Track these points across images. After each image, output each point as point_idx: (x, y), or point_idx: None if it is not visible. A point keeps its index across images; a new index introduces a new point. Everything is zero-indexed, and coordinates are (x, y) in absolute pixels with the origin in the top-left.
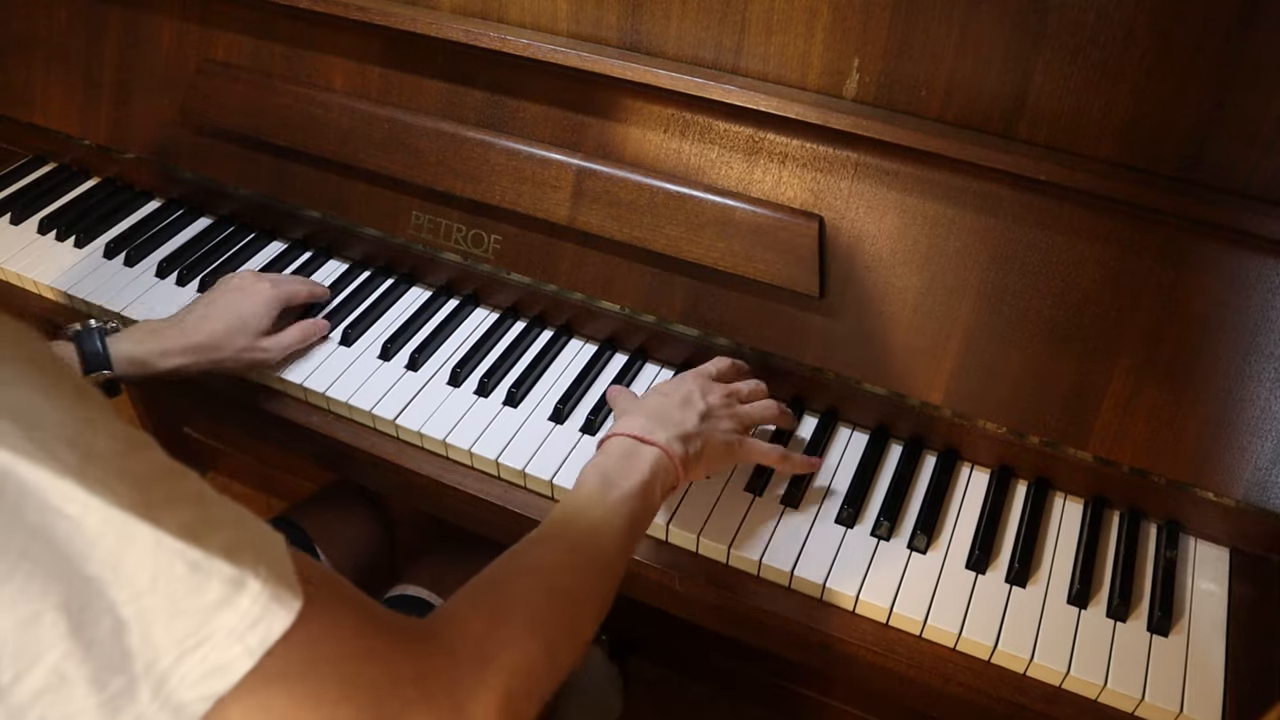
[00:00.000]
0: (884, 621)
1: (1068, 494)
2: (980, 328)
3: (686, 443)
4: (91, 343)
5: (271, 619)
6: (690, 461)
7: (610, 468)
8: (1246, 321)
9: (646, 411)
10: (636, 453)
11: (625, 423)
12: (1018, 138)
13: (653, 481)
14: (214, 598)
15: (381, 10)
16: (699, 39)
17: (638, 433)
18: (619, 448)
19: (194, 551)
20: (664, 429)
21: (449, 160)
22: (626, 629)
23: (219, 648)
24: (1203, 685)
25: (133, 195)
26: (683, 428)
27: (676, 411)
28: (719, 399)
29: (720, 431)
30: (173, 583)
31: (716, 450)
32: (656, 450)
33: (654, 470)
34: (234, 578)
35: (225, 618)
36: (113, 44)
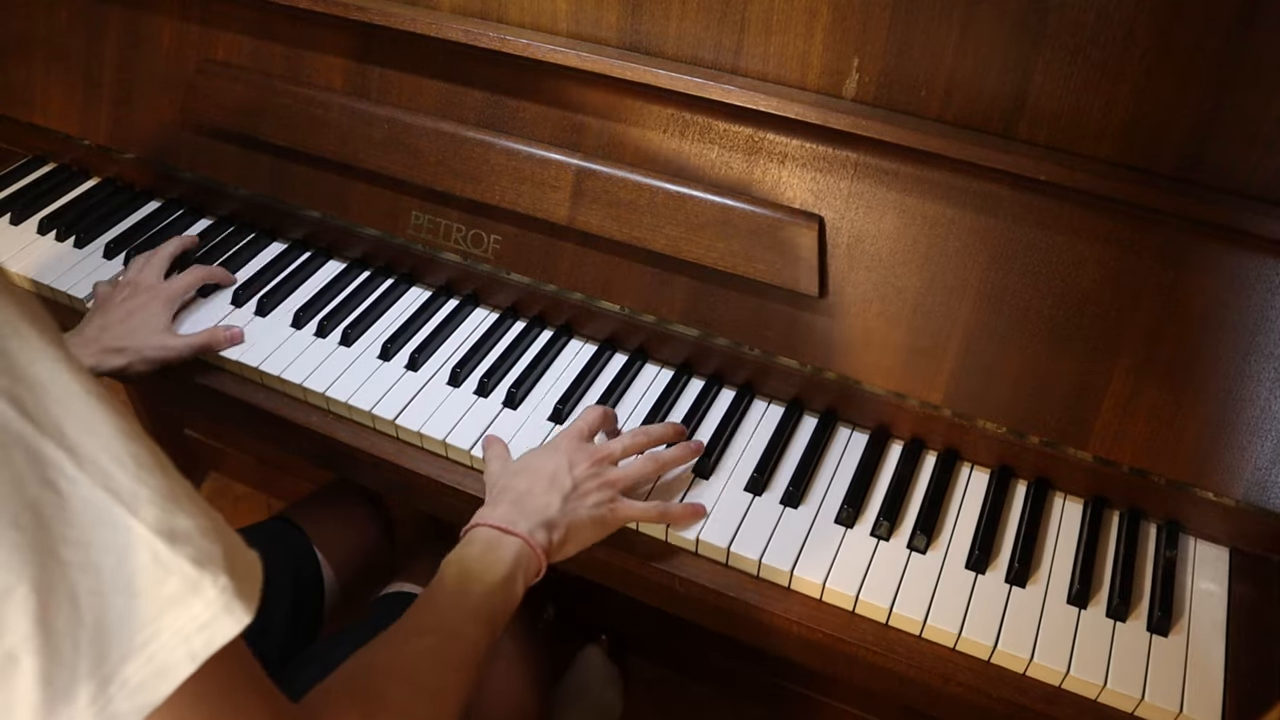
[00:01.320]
0: (884, 621)
1: (1068, 494)
2: (980, 328)
3: (550, 529)
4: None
5: (217, 626)
6: (554, 549)
7: (473, 561)
8: (1246, 321)
9: (511, 498)
10: (499, 544)
11: (487, 512)
12: (1018, 138)
13: (514, 573)
14: (170, 592)
15: (381, 10)
16: (699, 39)
17: (499, 523)
18: (482, 538)
19: (160, 545)
20: (526, 518)
21: (448, 160)
22: (626, 629)
23: (165, 648)
24: (1202, 685)
25: (133, 195)
26: (545, 514)
27: (540, 496)
28: (585, 469)
29: (586, 508)
30: (135, 571)
31: (583, 529)
32: (518, 541)
33: (516, 562)
34: (193, 579)
35: (177, 617)
36: (113, 44)
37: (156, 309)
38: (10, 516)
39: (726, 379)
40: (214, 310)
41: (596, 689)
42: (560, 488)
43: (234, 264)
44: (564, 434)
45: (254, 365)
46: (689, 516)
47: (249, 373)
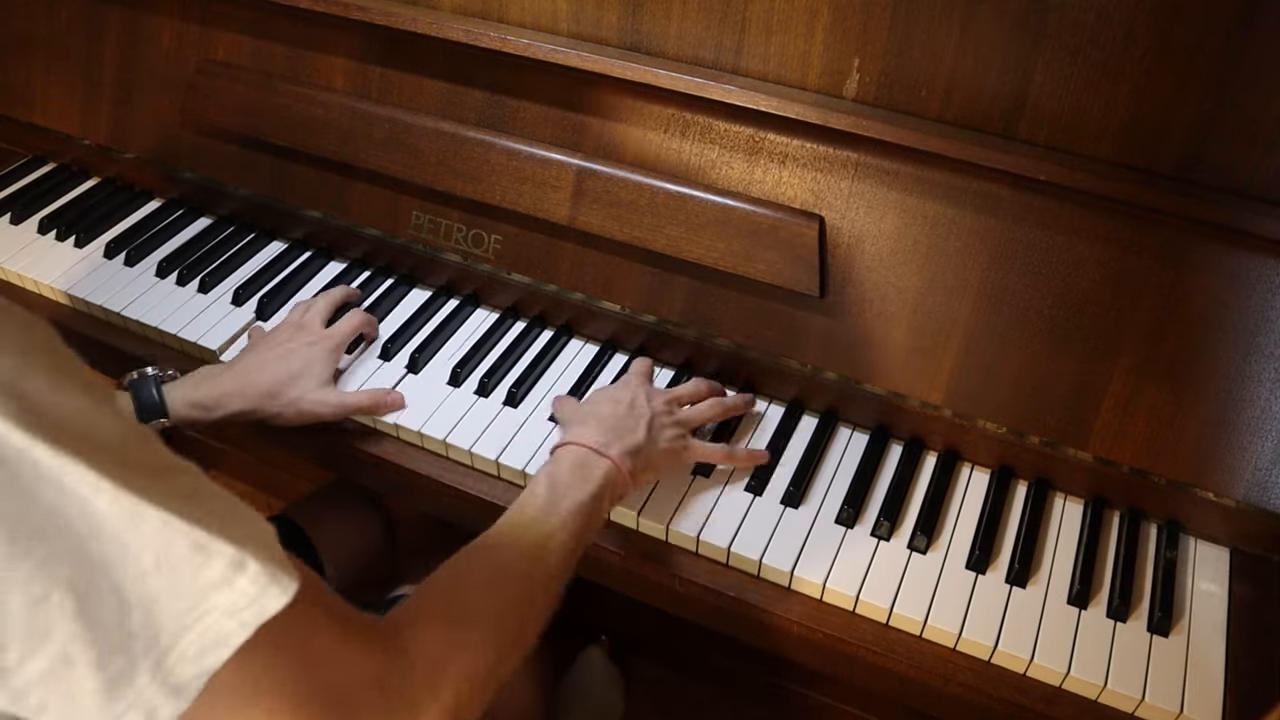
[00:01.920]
0: (884, 622)
1: (1068, 494)
2: (980, 328)
3: (635, 455)
4: (147, 390)
5: (267, 599)
6: (638, 472)
7: (562, 478)
8: (1247, 321)
9: (598, 421)
10: (589, 463)
11: (579, 432)
12: (1018, 138)
13: (602, 494)
14: (215, 576)
15: (382, 10)
16: (699, 39)
17: (591, 443)
18: (572, 457)
19: (198, 532)
20: (619, 439)
21: (449, 160)
22: (627, 629)
23: (217, 624)
24: (1203, 685)
25: (133, 195)
26: (633, 439)
27: (626, 420)
28: (662, 405)
29: (666, 439)
30: (177, 562)
31: (662, 459)
32: (608, 463)
33: (605, 483)
34: (235, 559)
35: (224, 596)
36: (113, 44)
37: (320, 355)
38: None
39: (727, 379)
40: (214, 310)
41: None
42: (642, 416)
43: (234, 264)
44: (632, 373)
45: None
46: (752, 460)
47: None
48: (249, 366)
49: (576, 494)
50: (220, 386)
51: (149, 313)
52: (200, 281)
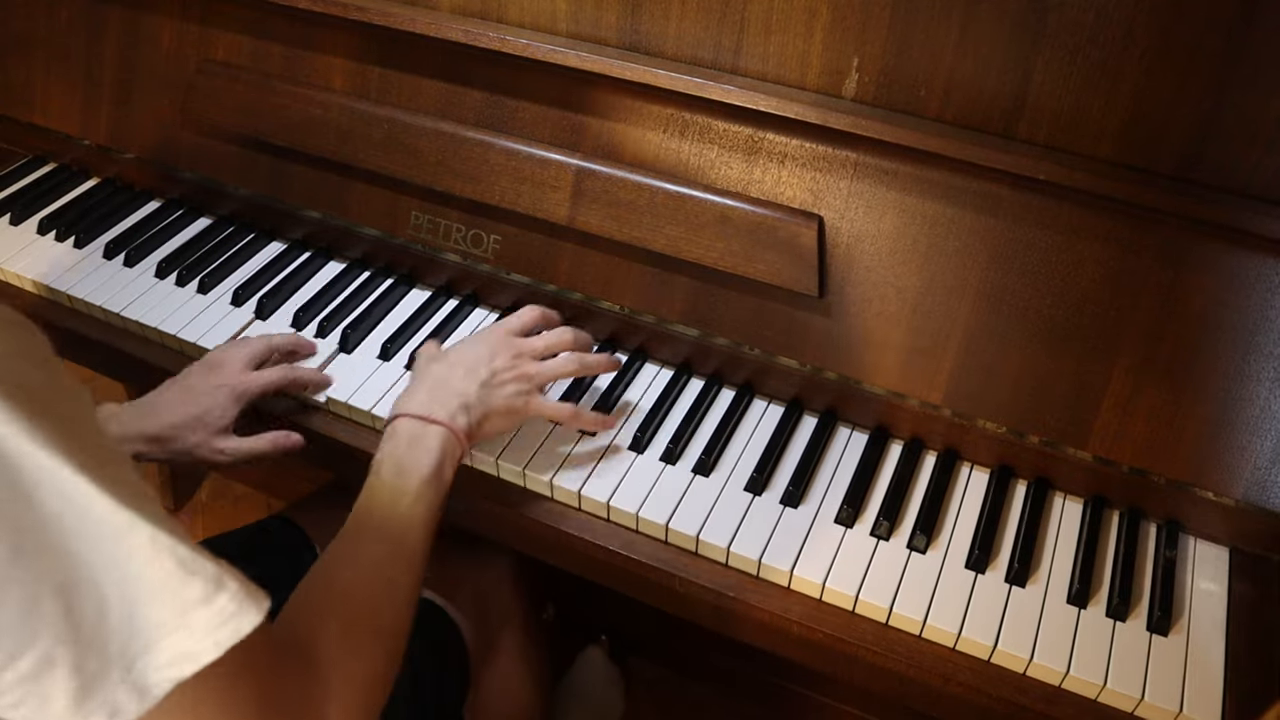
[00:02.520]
0: (884, 621)
1: (1067, 494)
2: (980, 327)
3: (468, 412)
4: None
5: (242, 619)
6: (473, 430)
7: (402, 455)
8: (1246, 321)
9: (428, 385)
10: (424, 434)
11: (405, 401)
12: (1017, 137)
13: (443, 461)
14: (196, 594)
15: (381, 10)
16: (698, 39)
17: (420, 411)
18: (405, 430)
19: (183, 549)
20: (444, 405)
21: (448, 160)
22: (627, 629)
23: (192, 639)
24: (1202, 685)
25: (132, 195)
26: (464, 398)
27: (459, 382)
28: (506, 360)
29: (504, 395)
30: (163, 575)
31: (496, 416)
32: (440, 429)
33: (442, 449)
34: (215, 577)
35: (203, 614)
36: (113, 44)
37: (223, 401)
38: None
39: (726, 379)
40: (215, 310)
41: (597, 689)
42: (477, 376)
43: (233, 264)
44: (493, 326)
45: None
46: (598, 424)
47: None
48: (153, 405)
49: (420, 468)
50: (122, 426)
51: (148, 313)
52: (200, 282)
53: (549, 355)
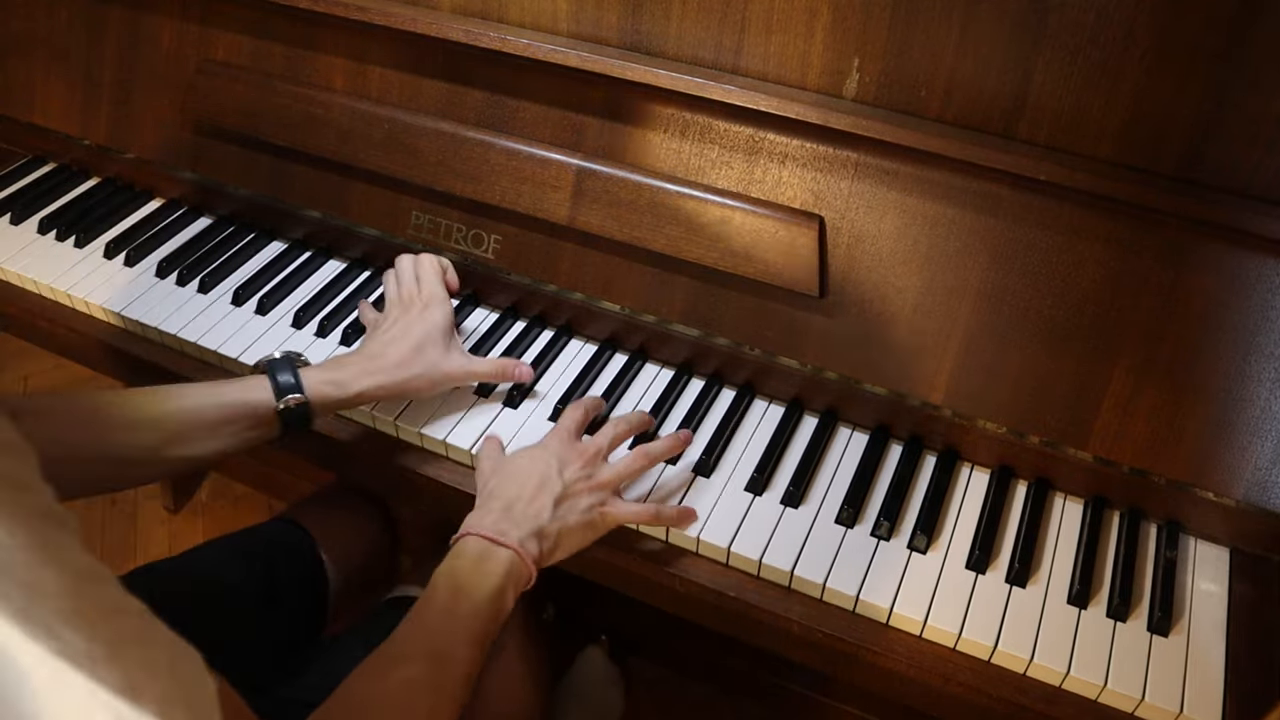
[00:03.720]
0: (884, 622)
1: (1068, 494)
2: (980, 328)
3: (541, 539)
4: (283, 371)
5: None
6: (544, 557)
7: (464, 575)
8: (1247, 321)
9: (501, 505)
10: (490, 556)
11: (477, 520)
12: (1018, 138)
13: (505, 585)
14: None
15: (381, 10)
16: (699, 39)
17: (490, 534)
18: (472, 550)
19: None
20: (517, 526)
21: (449, 160)
22: (627, 629)
23: None
24: (1203, 685)
25: (133, 195)
26: (537, 522)
27: (532, 503)
28: (576, 470)
29: (578, 513)
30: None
31: (573, 535)
32: (510, 553)
33: (507, 574)
34: None
35: None
36: (113, 44)
37: (438, 322)
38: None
39: (727, 379)
40: (216, 310)
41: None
42: (551, 492)
43: (234, 264)
44: (553, 433)
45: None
46: (682, 519)
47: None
48: (372, 351)
49: (478, 593)
50: (352, 366)
51: (149, 313)
52: (200, 281)
53: None
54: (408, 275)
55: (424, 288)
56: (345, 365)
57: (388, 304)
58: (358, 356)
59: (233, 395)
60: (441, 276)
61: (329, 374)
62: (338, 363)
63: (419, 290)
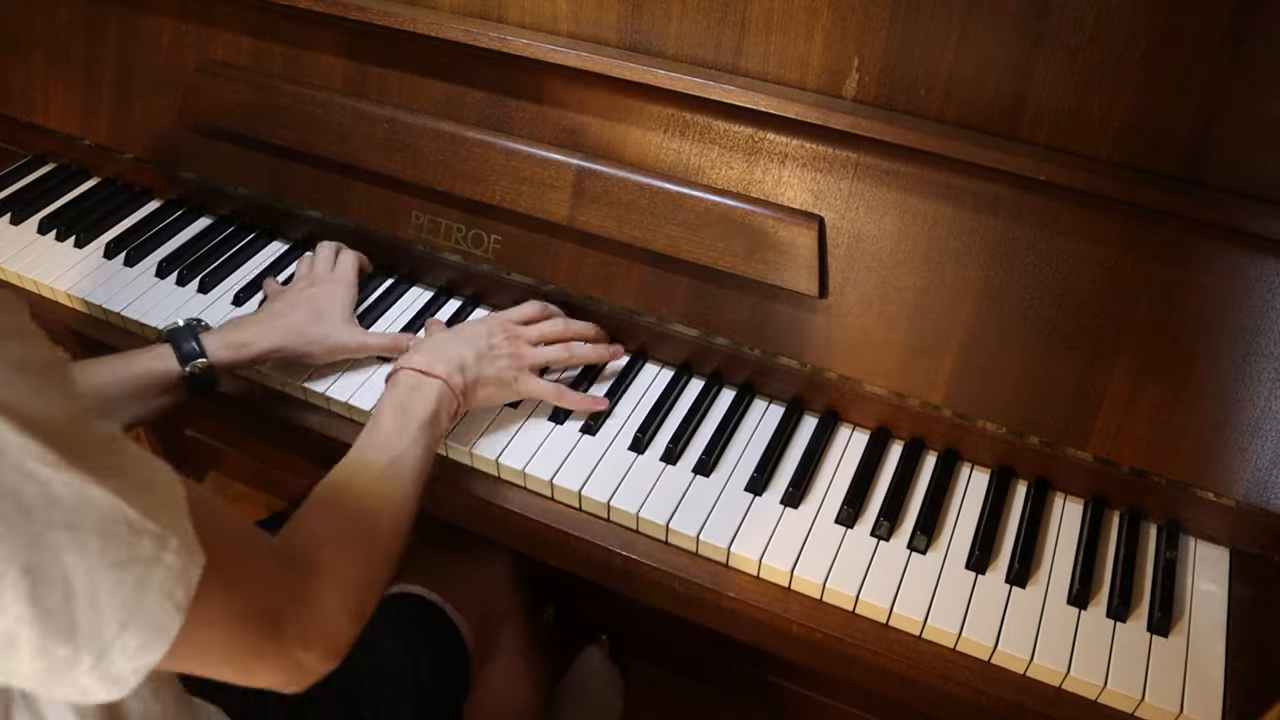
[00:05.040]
0: (884, 622)
1: (1068, 494)
2: (980, 328)
3: (463, 373)
4: (185, 338)
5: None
6: (469, 390)
7: (403, 400)
8: (1247, 322)
9: (430, 346)
10: (423, 385)
11: (409, 358)
12: (1018, 138)
13: (439, 410)
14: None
15: (381, 10)
16: (699, 39)
17: (420, 366)
18: (406, 380)
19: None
20: (442, 363)
21: (449, 160)
22: (626, 629)
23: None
24: (1203, 685)
25: (133, 195)
26: (461, 361)
27: (457, 347)
28: (502, 339)
29: (495, 369)
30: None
31: (488, 385)
32: (438, 382)
33: (439, 400)
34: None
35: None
36: (112, 44)
37: (340, 294)
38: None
39: (727, 379)
40: (216, 310)
41: (596, 689)
42: (475, 346)
43: (234, 264)
44: (495, 314)
45: None
46: (587, 404)
47: (250, 373)
48: (276, 310)
49: (419, 413)
50: (251, 328)
51: (149, 313)
52: (200, 281)
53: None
54: (324, 255)
55: (338, 269)
56: (244, 327)
57: (296, 276)
58: (257, 319)
59: (142, 365)
60: (357, 265)
61: (229, 337)
62: (238, 325)
63: (331, 270)
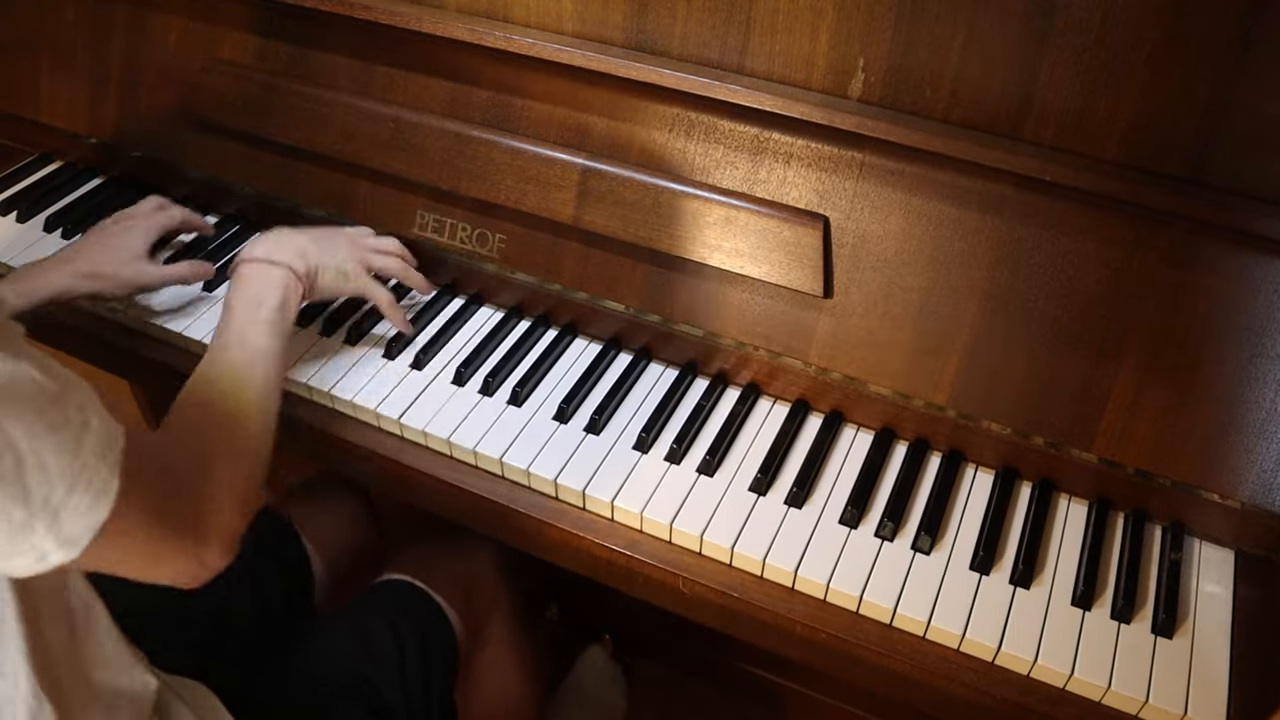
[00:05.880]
0: (888, 622)
1: (1072, 495)
2: (985, 328)
3: (305, 258)
4: None
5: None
6: (310, 275)
7: (251, 293)
8: (1253, 323)
9: (272, 238)
10: (268, 274)
11: (250, 250)
12: (1023, 138)
13: (287, 297)
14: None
15: (387, 9)
16: (704, 39)
17: (262, 256)
18: (251, 272)
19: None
20: (284, 252)
21: (454, 159)
22: (629, 629)
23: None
24: (1207, 687)
25: (138, 194)
26: (302, 249)
27: (299, 238)
28: (346, 240)
29: (337, 260)
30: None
31: (328, 272)
32: (282, 269)
33: (285, 286)
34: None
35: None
36: (119, 42)
37: (136, 235)
38: None
39: (731, 378)
40: (218, 309)
41: (599, 689)
42: (315, 240)
43: None
44: None
45: None
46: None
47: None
48: (64, 255)
49: (267, 301)
50: (40, 273)
51: (153, 310)
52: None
53: None
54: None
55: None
56: (31, 274)
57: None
58: (48, 263)
59: None
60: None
61: (17, 285)
62: (28, 271)
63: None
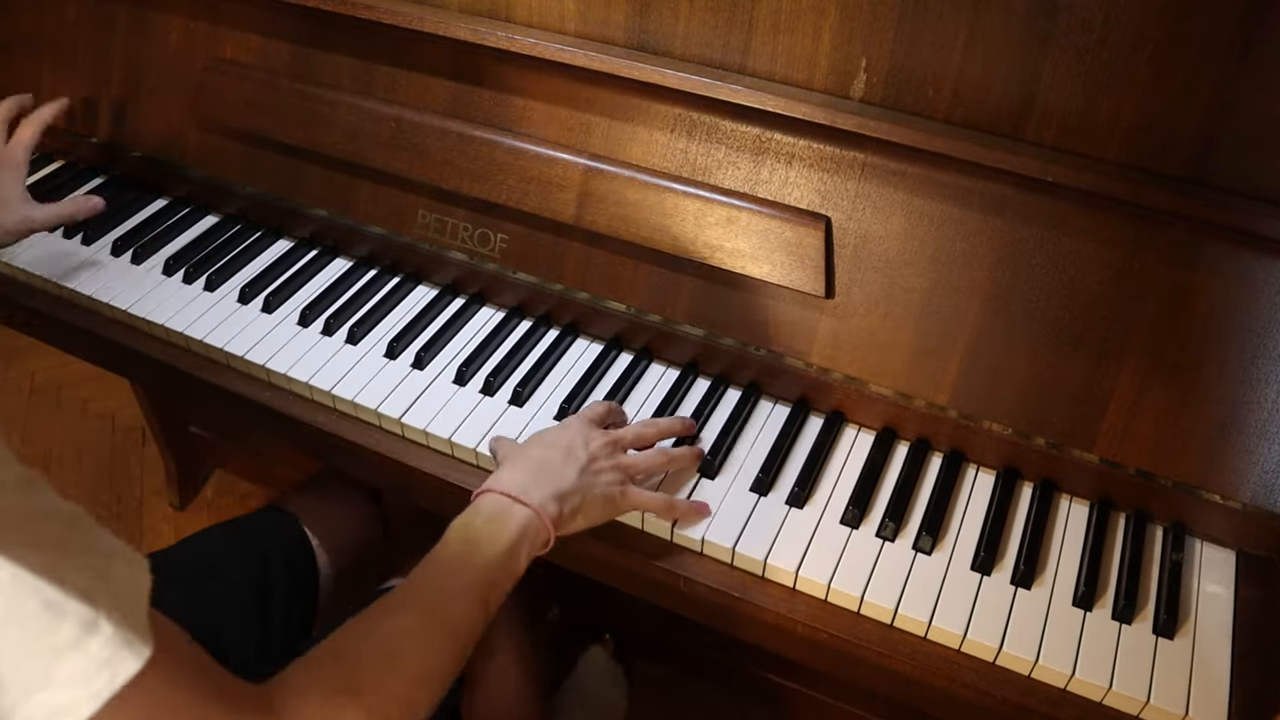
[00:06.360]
0: (889, 623)
1: (1073, 496)
2: (987, 329)
3: (562, 501)
4: None
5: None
6: (564, 520)
7: (478, 528)
8: (1254, 324)
9: (525, 464)
10: (507, 513)
11: (500, 476)
12: (1025, 139)
13: (519, 544)
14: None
15: (389, 9)
16: (706, 39)
17: (512, 491)
18: (490, 506)
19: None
20: (539, 486)
21: (455, 159)
22: (630, 629)
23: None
24: (1208, 688)
25: (140, 193)
26: (560, 484)
27: (557, 465)
28: (600, 447)
29: (600, 485)
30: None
31: (594, 506)
32: (529, 511)
33: (522, 532)
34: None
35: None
36: (120, 42)
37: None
38: None
39: (732, 379)
40: (222, 308)
41: (600, 689)
42: (576, 460)
43: (240, 262)
44: (575, 416)
45: (260, 363)
46: (694, 514)
47: (255, 370)
48: None
49: (490, 548)
50: None
51: (155, 310)
52: (206, 279)
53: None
54: None
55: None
56: None
57: None
58: None
59: None
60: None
61: None
62: None
63: None
